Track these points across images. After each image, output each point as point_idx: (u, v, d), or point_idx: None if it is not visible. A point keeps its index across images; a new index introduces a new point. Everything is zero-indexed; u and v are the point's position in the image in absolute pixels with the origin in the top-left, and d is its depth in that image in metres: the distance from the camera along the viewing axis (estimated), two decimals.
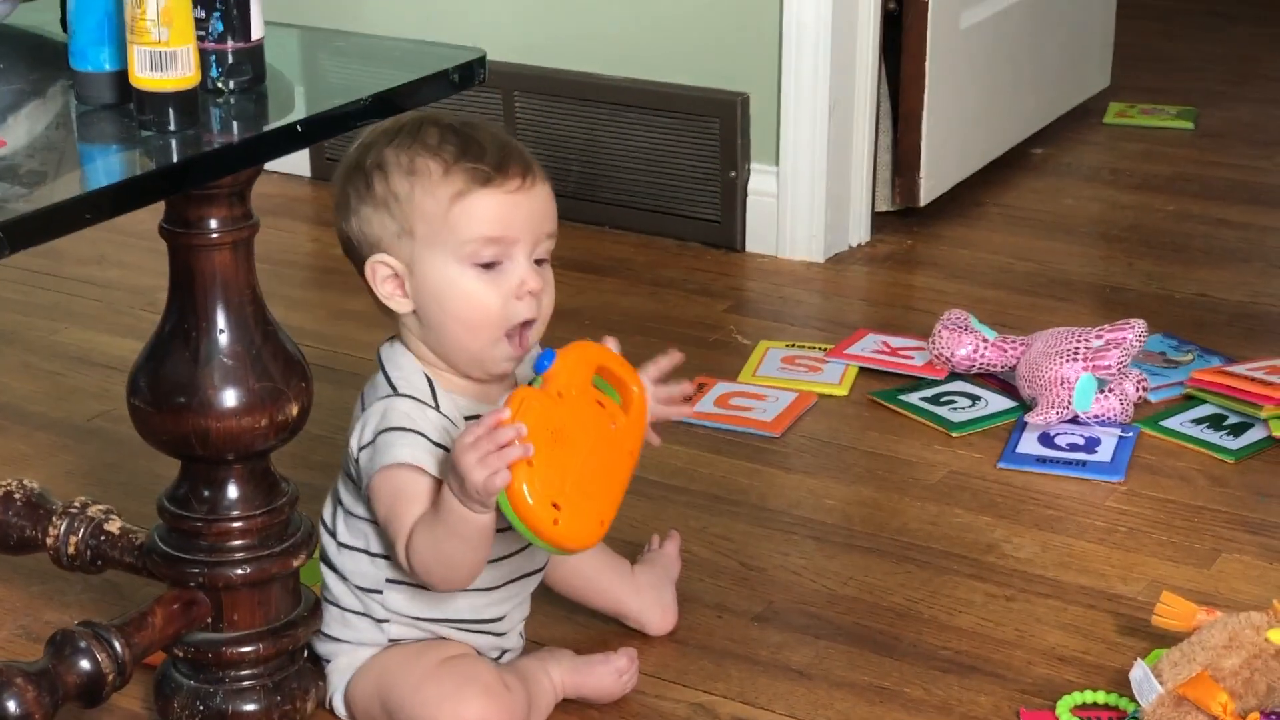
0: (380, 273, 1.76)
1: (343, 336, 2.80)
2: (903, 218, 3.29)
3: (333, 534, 1.85)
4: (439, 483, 1.71)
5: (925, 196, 3.25)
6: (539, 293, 1.75)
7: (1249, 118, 3.92)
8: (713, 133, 3.13)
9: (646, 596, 2.02)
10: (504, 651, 1.90)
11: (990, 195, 3.43)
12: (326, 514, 1.87)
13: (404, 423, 1.74)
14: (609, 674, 1.89)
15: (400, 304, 1.77)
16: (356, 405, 1.82)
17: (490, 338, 1.75)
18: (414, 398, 1.76)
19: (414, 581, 1.80)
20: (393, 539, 1.75)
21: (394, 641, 1.85)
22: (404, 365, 1.79)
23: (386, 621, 1.84)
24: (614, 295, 2.98)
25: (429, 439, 1.74)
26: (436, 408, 1.76)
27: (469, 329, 1.74)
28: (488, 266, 1.73)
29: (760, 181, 3.13)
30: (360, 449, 1.76)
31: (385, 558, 1.81)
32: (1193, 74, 4.25)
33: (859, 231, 3.20)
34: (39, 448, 2.47)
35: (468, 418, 1.77)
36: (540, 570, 1.91)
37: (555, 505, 1.66)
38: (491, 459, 1.63)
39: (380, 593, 1.82)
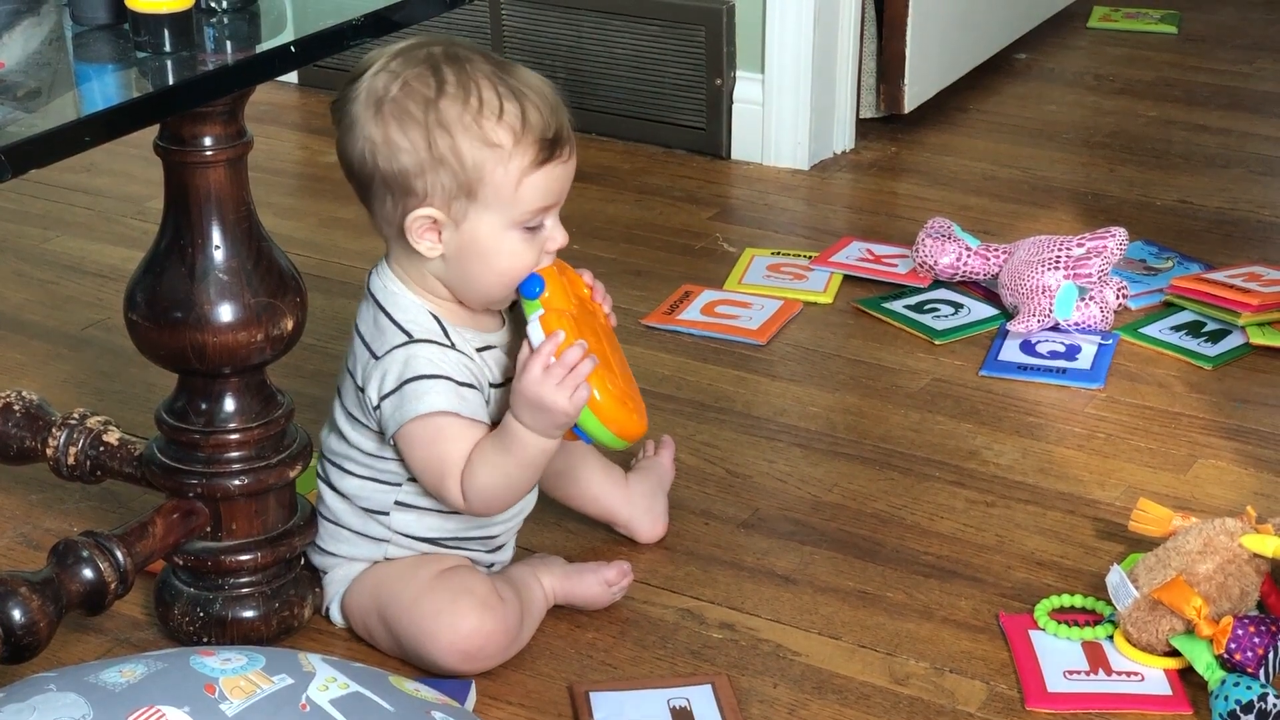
0: (420, 224, 1.75)
1: (333, 245, 2.83)
2: (887, 124, 3.31)
3: (336, 464, 1.88)
4: (471, 421, 1.77)
5: (909, 103, 3.27)
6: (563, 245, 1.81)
7: (1231, 21, 3.94)
8: (698, 40, 3.14)
9: (638, 505, 2.06)
10: (495, 562, 1.94)
11: (974, 101, 3.45)
12: (330, 442, 1.89)
13: (430, 370, 1.76)
14: (597, 583, 1.93)
15: (431, 250, 1.77)
16: (355, 346, 1.83)
17: (515, 286, 1.79)
18: (433, 341, 1.78)
19: (424, 505, 1.85)
20: (438, 479, 1.79)
21: (388, 559, 1.89)
22: (406, 306, 1.80)
23: (385, 541, 1.88)
24: (600, 203, 3.01)
25: (455, 380, 1.77)
26: (452, 346, 1.79)
27: (503, 282, 1.77)
28: (531, 229, 1.77)
29: (745, 89, 3.15)
30: (382, 397, 1.78)
31: (395, 484, 1.85)
32: None
33: (843, 138, 3.22)
34: (34, 356, 2.50)
35: (479, 349, 1.81)
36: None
37: (626, 402, 1.78)
38: (569, 380, 1.71)
39: (387, 514, 1.86)
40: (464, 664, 1.81)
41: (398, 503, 1.85)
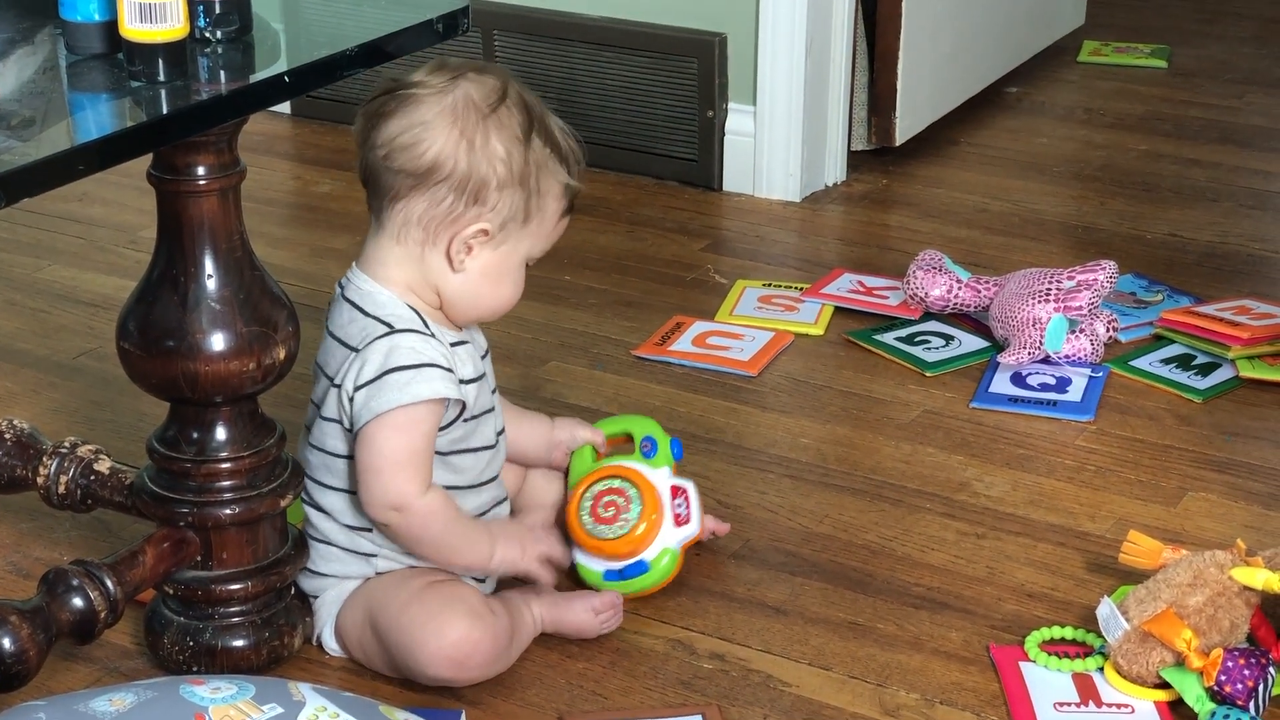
0: (477, 236, 1.81)
1: (324, 274, 2.83)
2: (878, 157, 3.32)
3: (316, 479, 1.89)
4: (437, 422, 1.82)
5: (901, 136, 3.28)
6: None
7: (1221, 56, 3.95)
8: (690, 72, 3.15)
9: None
10: (482, 581, 1.95)
11: (965, 134, 3.46)
12: (309, 456, 1.90)
13: (413, 359, 1.79)
14: (585, 611, 1.93)
15: (461, 264, 1.82)
16: (329, 346, 1.85)
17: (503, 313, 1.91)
18: (415, 330, 1.82)
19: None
20: (397, 467, 1.80)
21: (379, 575, 1.89)
22: (383, 301, 1.83)
23: (374, 556, 1.88)
24: (591, 234, 3.01)
25: (441, 366, 1.81)
26: (432, 335, 1.83)
27: (501, 307, 1.87)
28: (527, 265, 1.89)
29: (737, 121, 3.16)
30: (358, 387, 1.80)
31: None
32: (1166, 11, 4.28)
33: (835, 171, 3.23)
34: (25, 385, 2.50)
35: (452, 344, 1.85)
36: (507, 498, 2.01)
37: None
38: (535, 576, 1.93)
39: (370, 530, 1.87)
40: (451, 672, 1.81)
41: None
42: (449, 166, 1.79)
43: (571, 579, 2.02)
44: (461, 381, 1.84)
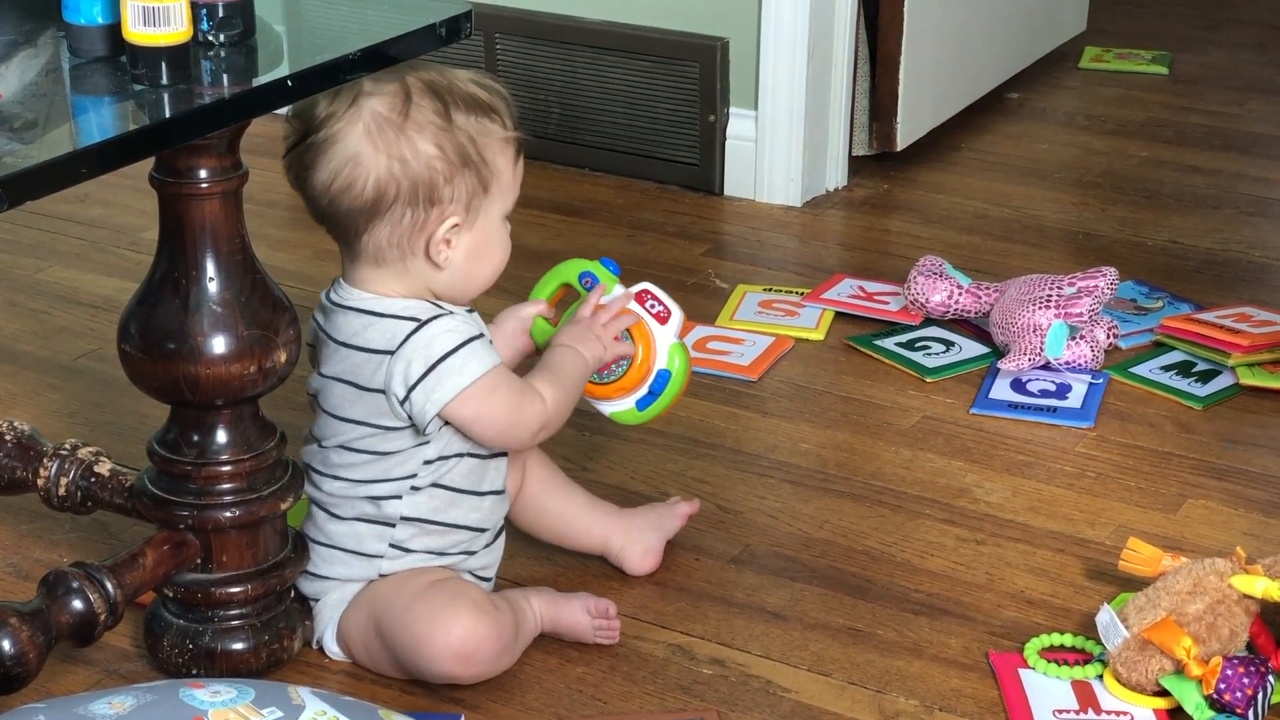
0: (450, 234, 1.83)
1: (325, 277, 2.82)
2: (879, 162, 3.32)
3: (321, 469, 1.89)
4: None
5: (902, 141, 3.28)
6: None
7: (1222, 63, 3.95)
8: (692, 76, 3.15)
9: (632, 535, 2.07)
10: (487, 564, 1.96)
11: (966, 140, 3.46)
12: (328, 456, 1.89)
13: (454, 342, 1.82)
14: (581, 610, 1.94)
15: (445, 259, 1.84)
16: (344, 355, 1.84)
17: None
18: (442, 315, 1.83)
19: (438, 483, 1.87)
20: (514, 410, 1.86)
21: (382, 575, 1.89)
22: (391, 303, 1.84)
23: (379, 557, 1.89)
24: (592, 237, 3.01)
25: (478, 337, 1.84)
26: (452, 314, 1.85)
27: (494, 274, 1.89)
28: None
29: (739, 126, 3.16)
30: (411, 387, 1.81)
31: (406, 478, 1.86)
32: (1167, 18, 4.28)
33: (836, 176, 3.23)
34: (26, 386, 2.50)
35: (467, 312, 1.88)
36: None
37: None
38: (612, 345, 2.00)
39: (399, 498, 1.87)
40: (458, 667, 1.81)
41: (414, 488, 1.87)
42: (393, 189, 1.80)
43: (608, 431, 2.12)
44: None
